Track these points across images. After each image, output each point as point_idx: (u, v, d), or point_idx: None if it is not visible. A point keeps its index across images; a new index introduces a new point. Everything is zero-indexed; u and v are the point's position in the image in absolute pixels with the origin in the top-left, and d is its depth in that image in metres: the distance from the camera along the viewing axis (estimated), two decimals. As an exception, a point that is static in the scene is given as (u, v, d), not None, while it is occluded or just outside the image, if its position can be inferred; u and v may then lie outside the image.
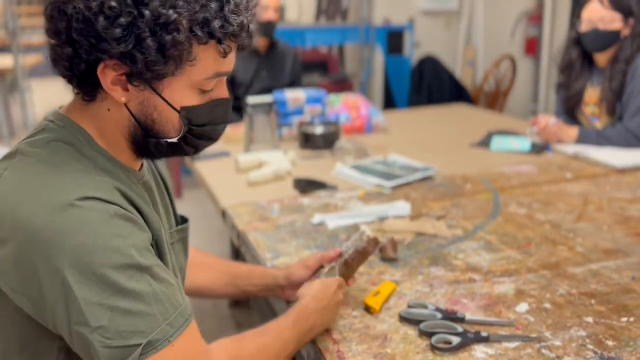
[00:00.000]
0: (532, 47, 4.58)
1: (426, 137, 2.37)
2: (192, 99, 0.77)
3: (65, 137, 0.76)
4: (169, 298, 0.71)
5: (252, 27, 0.78)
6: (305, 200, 1.63)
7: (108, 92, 0.74)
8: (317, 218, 1.47)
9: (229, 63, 0.78)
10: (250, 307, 2.50)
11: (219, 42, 0.73)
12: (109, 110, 0.77)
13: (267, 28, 2.69)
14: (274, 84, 2.72)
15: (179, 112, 0.77)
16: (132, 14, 0.68)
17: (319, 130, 2.16)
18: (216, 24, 0.72)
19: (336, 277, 1.03)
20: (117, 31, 0.68)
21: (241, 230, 1.43)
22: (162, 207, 0.91)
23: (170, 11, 0.69)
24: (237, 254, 2.40)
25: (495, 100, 4.36)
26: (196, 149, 0.84)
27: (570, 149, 2.02)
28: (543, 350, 0.90)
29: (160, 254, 0.80)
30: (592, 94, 2.14)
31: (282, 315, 0.92)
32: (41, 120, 0.81)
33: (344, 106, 2.42)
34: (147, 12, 0.68)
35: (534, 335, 0.94)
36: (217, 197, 1.68)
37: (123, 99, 0.75)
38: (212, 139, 0.84)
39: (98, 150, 0.78)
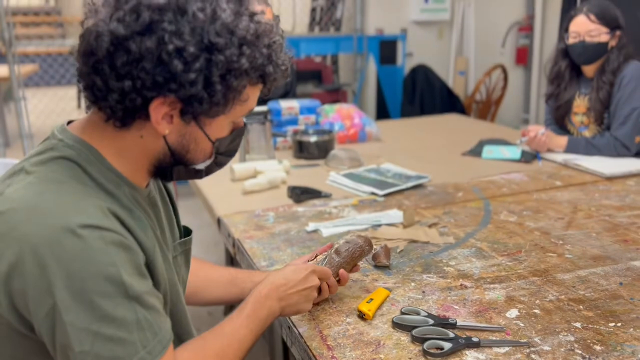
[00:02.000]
0: (523, 56, 4.65)
1: (419, 146, 2.40)
2: (225, 132, 0.82)
3: (71, 155, 0.76)
4: (151, 326, 0.73)
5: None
6: (300, 208, 1.65)
7: (154, 125, 0.76)
8: (311, 226, 1.49)
9: (257, 99, 0.84)
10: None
11: (265, 83, 0.80)
12: (141, 137, 0.78)
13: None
14: (268, 94, 2.75)
15: (213, 143, 0.81)
16: (207, 60, 0.71)
17: (313, 138, 2.19)
18: (269, 69, 0.77)
19: (311, 265, 1.04)
20: (192, 75, 0.71)
21: (237, 238, 1.45)
22: (166, 220, 0.93)
23: (243, 60, 0.73)
24: (232, 263, 2.41)
25: (487, 109, 4.41)
26: (208, 174, 0.88)
27: (560, 157, 2.05)
28: (532, 355, 0.92)
29: (152, 274, 0.80)
30: (580, 104, 2.18)
31: (237, 308, 0.93)
32: (49, 136, 0.81)
33: (338, 116, 2.45)
34: (221, 59, 0.72)
35: (524, 340, 0.97)
36: (213, 206, 1.70)
37: (167, 132, 0.77)
38: (224, 165, 0.89)
39: (108, 168, 0.78)
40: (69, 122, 0.83)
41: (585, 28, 2.01)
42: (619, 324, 1.01)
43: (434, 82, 4.33)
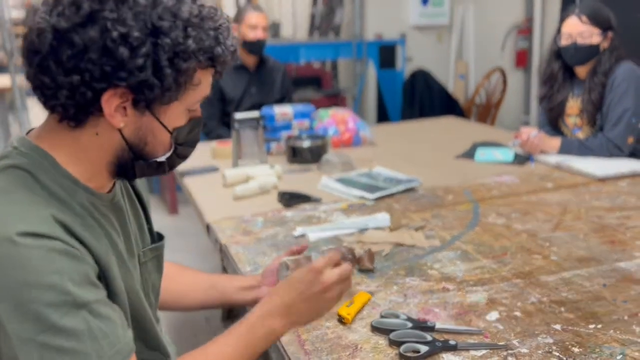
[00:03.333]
0: (523, 59, 4.63)
1: (413, 150, 2.40)
2: (182, 120, 0.81)
3: (23, 164, 0.75)
4: (107, 335, 0.70)
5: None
6: (289, 213, 1.65)
7: (107, 119, 0.75)
8: (299, 230, 1.49)
9: (210, 85, 0.83)
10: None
11: (215, 67, 0.79)
12: (97, 134, 0.77)
13: (257, 47, 2.74)
14: (264, 100, 2.76)
15: (171, 133, 0.80)
16: (153, 44, 0.71)
17: (306, 144, 2.19)
18: (218, 50, 0.77)
19: (305, 266, 0.97)
20: (140, 61, 0.70)
21: (223, 244, 1.46)
22: (135, 226, 0.92)
23: (189, 41, 0.73)
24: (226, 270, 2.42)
25: (487, 112, 4.40)
26: (172, 167, 0.86)
27: (553, 159, 2.04)
28: (509, 358, 0.92)
29: (107, 283, 0.78)
30: (573, 106, 2.17)
31: (230, 331, 0.89)
32: (7, 144, 0.80)
33: (333, 120, 2.45)
34: (167, 42, 0.71)
35: (502, 343, 0.96)
36: (202, 211, 1.70)
37: (122, 125, 0.76)
38: (186, 157, 0.87)
39: (63, 174, 0.77)
40: (30, 131, 0.83)
41: (577, 29, 2.00)
42: (599, 326, 1.00)
43: (433, 86, 4.33)
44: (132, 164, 0.81)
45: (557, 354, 0.92)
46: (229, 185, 1.93)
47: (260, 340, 0.88)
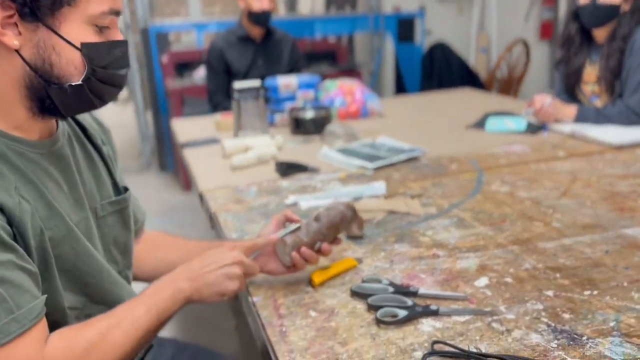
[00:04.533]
0: (548, 31, 4.46)
1: (423, 121, 2.32)
2: (90, 37, 0.75)
3: None
4: (4, 301, 0.66)
5: None
6: (285, 183, 1.60)
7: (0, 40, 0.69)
8: (291, 199, 1.44)
9: (120, 2, 0.77)
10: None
11: None
12: None
13: (263, 18, 2.67)
14: (271, 73, 2.71)
15: (79, 49, 0.74)
16: None
17: (309, 114, 2.13)
18: None
19: (239, 246, 0.95)
20: None
21: (213, 212, 1.42)
22: (91, 177, 0.88)
23: None
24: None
25: (509, 87, 4.25)
26: (102, 98, 0.79)
27: (568, 128, 1.94)
28: (493, 324, 0.86)
29: (24, 238, 0.72)
30: (591, 72, 2.05)
31: (142, 292, 0.86)
32: None
33: (340, 91, 2.38)
34: None
35: (487, 309, 0.90)
36: (197, 181, 1.67)
37: (16, 43, 0.70)
38: (116, 85, 0.80)
39: None
40: None
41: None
42: (595, 292, 0.93)
43: (452, 60, 4.21)
44: (46, 92, 0.75)
45: (546, 320, 0.86)
46: (228, 155, 1.89)
47: (167, 299, 0.84)
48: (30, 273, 0.71)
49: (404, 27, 4.52)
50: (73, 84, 0.76)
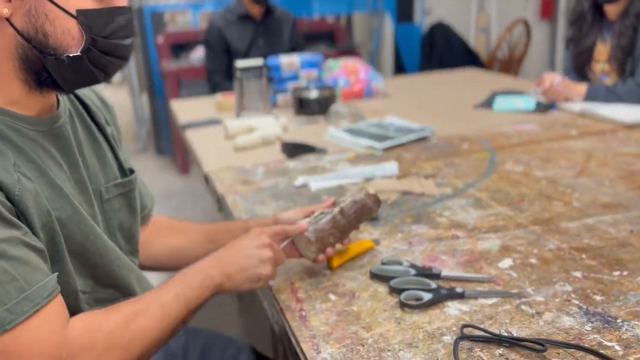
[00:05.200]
0: (548, 10, 4.40)
1: (429, 101, 2.27)
2: (87, 3, 0.69)
3: None
4: (13, 279, 0.61)
5: None
6: (292, 164, 1.56)
7: None
8: (300, 180, 1.40)
9: None
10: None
11: None
12: None
13: (262, -5, 2.60)
14: (272, 52, 2.64)
15: (76, 17, 0.68)
16: None
17: (313, 94, 2.08)
18: None
19: (268, 231, 0.89)
20: None
21: (221, 194, 1.37)
22: (95, 159, 0.83)
23: None
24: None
25: (509, 67, 4.20)
26: (105, 71, 0.74)
27: (578, 106, 1.90)
28: (522, 307, 0.82)
29: (27, 218, 0.67)
30: (602, 51, 2.01)
31: (170, 279, 0.81)
32: None
33: (343, 71, 2.33)
34: None
35: (514, 291, 0.87)
36: (201, 162, 1.62)
37: (5, 11, 0.65)
38: (120, 57, 0.74)
39: None
40: None
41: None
42: (624, 273, 0.90)
43: (453, 41, 4.14)
44: (42, 65, 0.69)
45: (577, 302, 0.83)
46: (231, 136, 1.84)
47: (196, 287, 0.80)
48: (37, 250, 0.67)
49: (403, 7, 4.45)
50: (71, 55, 0.70)
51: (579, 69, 2.09)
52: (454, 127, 1.82)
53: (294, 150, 1.62)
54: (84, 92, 0.87)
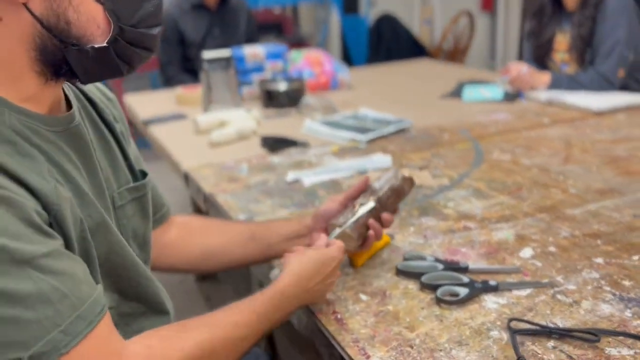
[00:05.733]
0: (489, 2, 4.53)
1: (394, 92, 2.27)
2: None
3: None
4: (64, 297, 0.54)
5: None
6: (276, 158, 1.50)
7: None
8: (291, 176, 1.35)
9: None
10: (219, 280, 2.38)
11: None
12: (1, 20, 0.58)
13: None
14: (228, 43, 2.55)
15: (102, 3, 0.61)
16: None
17: (282, 87, 2.02)
18: None
19: (340, 245, 0.85)
20: None
21: (208, 193, 1.30)
22: (106, 162, 0.75)
23: None
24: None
25: (454, 57, 4.29)
26: (130, 63, 0.66)
27: (544, 95, 1.95)
28: (558, 296, 0.82)
29: (62, 228, 0.60)
30: (562, 41, 2.07)
31: (243, 302, 0.73)
32: None
33: (307, 62, 2.28)
34: None
35: (545, 280, 0.86)
36: (178, 160, 1.53)
37: None
38: (147, 48, 0.66)
39: None
40: None
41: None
42: (643, 257, 0.92)
43: (400, 32, 4.18)
44: (62, 55, 0.61)
45: (609, 288, 0.83)
46: (202, 131, 1.75)
47: (273, 323, 0.75)
48: (79, 261, 0.59)
49: (349, -2, 4.44)
50: (96, 46, 0.62)
51: (540, 59, 2.15)
52: (428, 117, 1.82)
53: (276, 144, 1.56)
54: (88, 87, 0.78)
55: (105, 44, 0.62)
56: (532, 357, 0.69)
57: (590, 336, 0.71)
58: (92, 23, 0.61)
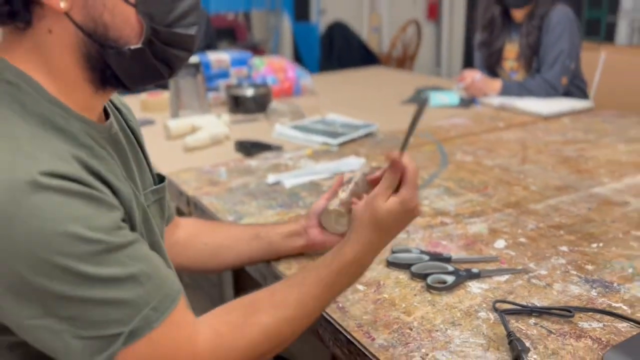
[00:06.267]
0: (434, 11, 4.73)
1: (355, 98, 2.36)
2: None
3: (3, 89, 0.61)
4: (151, 277, 0.61)
5: None
6: (253, 162, 1.55)
7: (43, 1, 0.60)
8: (271, 178, 1.40)
9: None
10: (192, 287, 2.38)
11: None
12: (50, 32, 0.62)
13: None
14: None
15: (134, 5, 0.64)
16: None
17: (249, 93, 2.07)
18: None
19: (411, 190, 0.82)
20: None
21: (191, 196, 1.33)
22: (135, 164, 0.78)
23: None
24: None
25: (403, 64, 4.46)
26: (169, 64, 0.69)
27: (496, 101, 2.10)
28: (533, 280, 0.92)
29: (133, 227, 0.67)
30: (510, 50, 2.23)
31: (311, 272, 0.75)
32: None
33: (270, 69, 2.34)
34: None
35: (519, 267, 0.96)
36: (154, 165, 1.54)
37: (63, 5, 0.60)
38: (185, 48, 0.69)
39: (50, 100, 0.63)
40: None
41: (523, -29, 2.04)
42: (601, 244, 1.03)
43: (351, 39, 4.30)
44: (104, 60, 0.65)
45: (575, 272, 0.94)
46: (174, 137, 1.78)
47: (339, 289, 0.78)
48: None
49: (300, 6, 4.52)
50: (132, 47, 0.65)
51: (490, 67, 2.30)
52: (391, 122, 1.91)
53: (252, 148, 1.61)
54: (113, 95, 0.82)
55: (140, 45, 0.65)
56: (517, 332, 0.78)
57: (565, 312, 0.81)
58: (127, 25, 0.64)
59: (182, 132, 1.78)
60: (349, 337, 0.80)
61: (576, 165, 1.46)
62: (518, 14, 2.17)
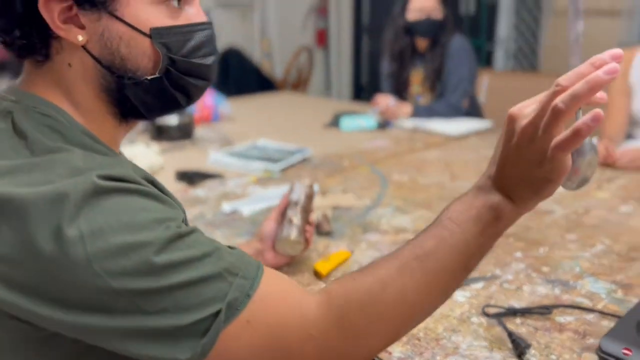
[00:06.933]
0: (322, 38, 4.94)
1: (275, 123, 2.41)
2: (161, 19, 0.64)
3: (40, 121, 0.60)
4: (227, 252, 0.60)
5: None
6: (200, 191, 1.53)
7: (63, 35, 0.60)
8: (227, 207, 1.40)
9: None
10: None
11: None
12: (70, 66, 0.62)
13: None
14: None
15: (150, 36, 0.63)
16: None
17: (173, 121, 2.03)
18: None
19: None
20: None
21: (147, 229, 1.29)
22: None
23: None
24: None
25: (297, 89, 4.59)
26: (187, 94, 0.69)
27: (409, 123, 2.27)
28: (504, 285, 1.03)
29: None
30: (415, 76, 2.43)
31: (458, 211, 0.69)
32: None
33: (187, 96, 2.31)
34: None
35: (489, 275, 1.07)
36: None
37: (80, 39, 0.60)
38: (202, 77, 0.69)
39: (82, 131, 0.62)
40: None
41: (429, 4, 2.24)
42: (547, 248, 1.18)
43: (246, 65, 4.34)
44: (123, 92, 0.65)
45: (535, 274, 1.07)
46: (103, 169, 1.69)
47: (487, 240, 0.72)
48: None
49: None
50: (149, 77, 0.65)
51: (398, 93, 2.48)
52: (318, 146, 1.99)
53: (194, 178, 1.59)
54: None
55: (157, 75, 0.65)
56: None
57: (544, 310, 0.93)
58: (144, 56, 0.64)
59: (111, 164, 1.70)
60: (366, 353, 0.84)
61: (499, 180, 1.63)
62: (422, 44, 2.37)
